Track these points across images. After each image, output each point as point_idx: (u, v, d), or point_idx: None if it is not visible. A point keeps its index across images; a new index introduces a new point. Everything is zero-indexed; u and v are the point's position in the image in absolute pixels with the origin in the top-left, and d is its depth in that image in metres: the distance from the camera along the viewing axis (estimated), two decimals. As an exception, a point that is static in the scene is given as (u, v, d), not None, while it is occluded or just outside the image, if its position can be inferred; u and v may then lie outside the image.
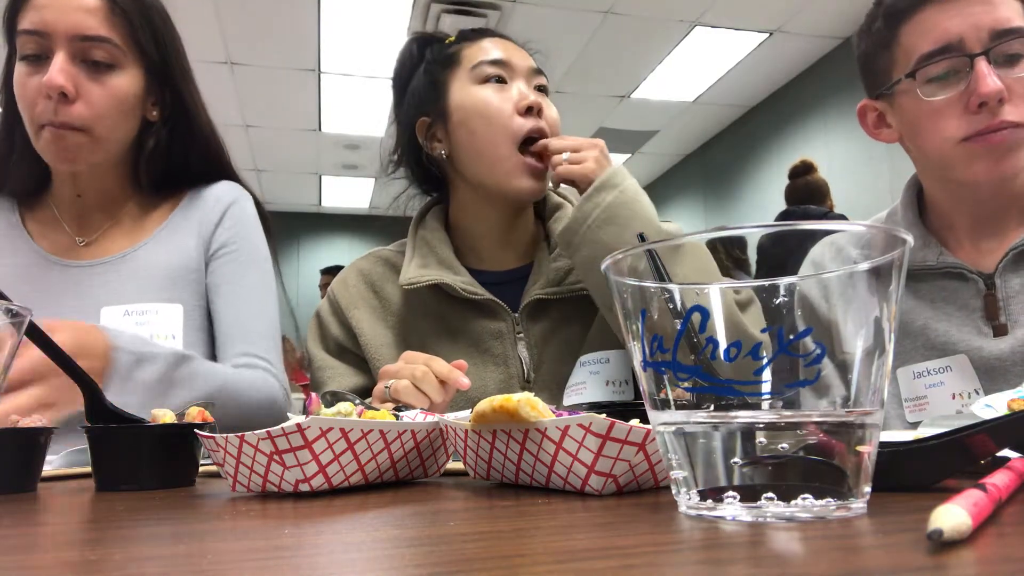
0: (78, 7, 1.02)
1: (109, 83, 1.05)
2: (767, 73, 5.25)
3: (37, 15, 1.01)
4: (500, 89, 1.03)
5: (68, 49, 1.01)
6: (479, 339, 1.05)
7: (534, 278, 1.08)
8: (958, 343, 0.96)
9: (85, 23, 1.02)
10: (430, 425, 0.60)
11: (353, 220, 8.34)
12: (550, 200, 1.17)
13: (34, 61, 1.02)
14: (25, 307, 0.53)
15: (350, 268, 1.17)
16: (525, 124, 1.01)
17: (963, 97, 0.92)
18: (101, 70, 1.04)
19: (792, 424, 0.35)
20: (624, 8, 4.28)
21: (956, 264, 0.99)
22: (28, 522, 0.46)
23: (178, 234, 1.16)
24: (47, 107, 1.01)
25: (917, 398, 0.97)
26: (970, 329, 0.97)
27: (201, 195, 1.20)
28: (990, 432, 0.42)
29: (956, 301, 0.99)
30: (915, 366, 0.98)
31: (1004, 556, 0.27)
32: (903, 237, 0.35)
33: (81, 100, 1.02)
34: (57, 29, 1.01)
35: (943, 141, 0.96)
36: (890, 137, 1.05)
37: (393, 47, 4.65)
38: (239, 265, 1.16)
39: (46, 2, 1.01)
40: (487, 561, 0.29)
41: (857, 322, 0.35)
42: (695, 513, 0.37)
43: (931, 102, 0.95)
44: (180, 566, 0.29)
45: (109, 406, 0.66)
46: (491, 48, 1.05)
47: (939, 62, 0.93)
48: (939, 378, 0.95)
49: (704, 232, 0.38)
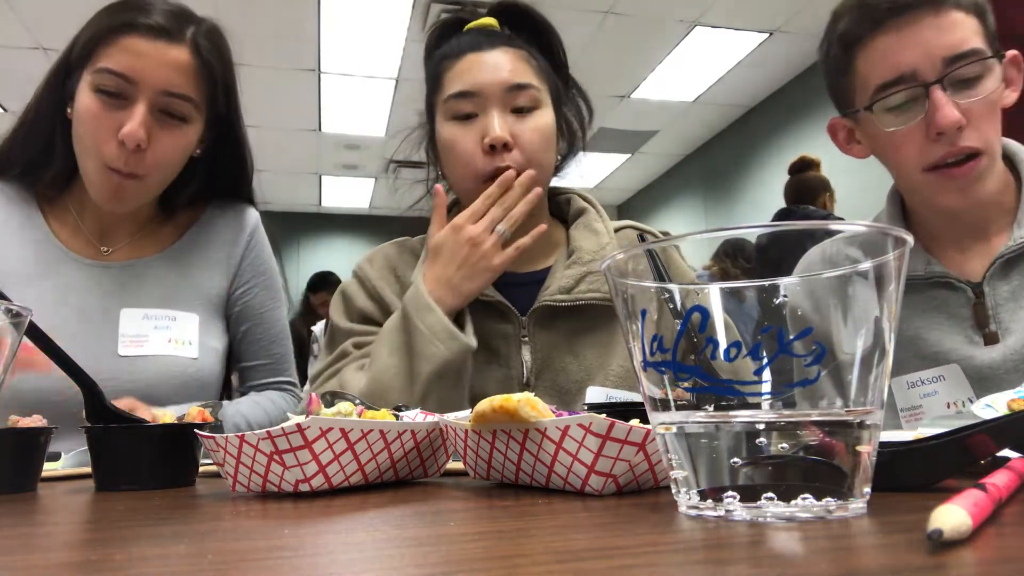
0: (171, 63, 1.02)
1: (178, 136, 1.07)
2: (767, 73, 5.25)
3: (128, 59, 1.00)
4: (467, 126, 1.02)
5: (151, 101, 1.02)
6: (486, 338, 1.05)
7: (548, 283, 1.07)
8: (950, 352, 0.96)
9: (173, 80, 1.03)
10: (430, 425, 0.60)
11: (353, 220, 8.34)
12: (573, 204, 1.16)
13: (110, 97, 1.01)
14: (25, 307, 0.53)
15: (378, 251, 1.18)
16: (488, 165, 1.00)
17: (922, 126, 0.92)
18: (174, 123, 1.05)
19: (792, 424, 0.35)
20: (624, 8, 4.28)
21: (944, 273, 0.99)
22: (28, 522, 0.46)
23: (199, 248, 1.20)
24: (118, 154, 1.01)
25: (912, 408, 0.97)
26: (961, 338, 0.97)
27: (224, 214, 1.24)
28: (990, 432, 0.42)
29: (946, 310, 0.99)
30: (909, 376, 0.97)
31: (1004, 556, 0.27)
32: (903, 237, 0.35)
33: (149, 150, 1.03)
34: (145, 79, 1.01)
35: (908, 170, 0.96)
36: (861, 153, 1.05)
37: (393, 47, 4.66)
38: (268, 293, 1.25)
39: (140, 49, 1.00)
40: (487, 561, 0.29)
41: (857, 322, 0.35)
42: (695, 513, 0.37)
43: (891, 133, 0.94)
44: (180, 566, 0.29)
45: (109, 406, 0.66)
46: (463, 73, 1.03)
47: (895, 93, 0.93)
48: (933, 387, 0.95)
49: (704, 232, 0.38)
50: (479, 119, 1.02)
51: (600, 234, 1.09)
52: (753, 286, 0.35)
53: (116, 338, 1.07)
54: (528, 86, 1.02)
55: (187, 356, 1.11)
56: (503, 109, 1.01)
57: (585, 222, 1.12)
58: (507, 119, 1.01)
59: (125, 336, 1.08)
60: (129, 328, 1.08)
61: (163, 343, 1.09)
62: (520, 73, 1.02)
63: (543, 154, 1.03)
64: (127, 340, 1.08)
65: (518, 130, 1.01)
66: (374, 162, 6.68)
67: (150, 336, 1.09)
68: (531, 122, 1.02)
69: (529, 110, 1.02)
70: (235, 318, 1.23)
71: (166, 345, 1.10)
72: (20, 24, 4.08)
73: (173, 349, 1.10)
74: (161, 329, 1.10)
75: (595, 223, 1.11)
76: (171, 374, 1.09)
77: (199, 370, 1.13)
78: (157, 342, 1.09)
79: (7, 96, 4.98)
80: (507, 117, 1.01)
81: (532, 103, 1.02)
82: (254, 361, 1.24)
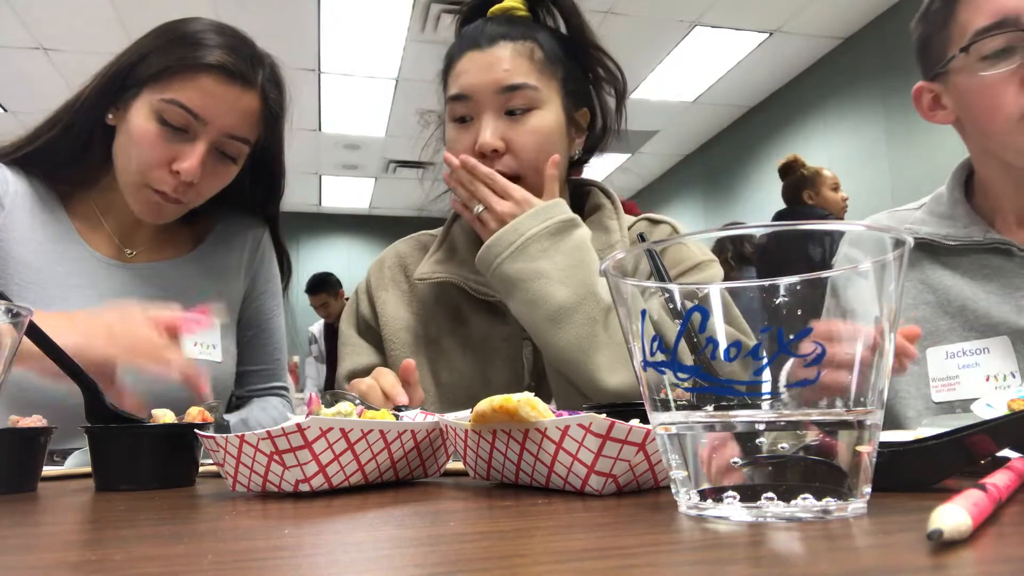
0: (241, 110, 1.05)
1: (229, 171, 1.09)
2: (767, 73, 5.25)
3: (201, 99, 1.01)
4: (463, 130, 1.02)
5: (212, 141, 1.03)
6: (488, 338, 1.05)
7: None
8: (999, 323, 0.95)
9: (239, 126, 1.05)
10: (430, 425, 0.60)
11: (353, 220, 8.34)
12: (591, 199, 1.13)
13: (172, 130, 1.01)
14: (25, 307, 0.53)
15: (391, 248, 1.19)
16: None
17: (1019, 72, 0.90)
18: (225, 162, 1.08)
19: (792, 424, 0.35)
20: (624, 8, 4.28)
21: (1004, 241, 0.98)
22: (28, 522, 0.46)
23: (219, 253, 1.22)
24: (168, 182, 1.03)
25: (948, 378, 0.96)
26: (1011, 308, 0.95)
27: (240, 219, 1.26)
28: (990, 432, 0.42)
29: (999, 279, 0.98)
30: (949, 346, 0.96)
31: (1004, 556, 0.27)
32: (903, 237, 0.35)
33: (199, 185, 1.05)
34: (214, 121, 1.02)
35: (1001, 118, 0.94)
36: (945, 119, 1.04)
37: (393, 47, 4.66)
38: (275, 300, 1.29)
39: (216, 92, 1.01)
40: (487, 561, 0.29)
41: (857, 322, 0.35)
42: (695, 513, 0.37)
43: (985, 77, 0.93)
44: (180, 566, 0.29)
45: (109, 406, 0.66)
46: (460, 75, 1.02)
47: (995, 36, 0.91)
48: (975, 359, 0.94)
49: (704, 232, 0.38)
50: (474, 123, 1.01)
51: (611, 232, 1.07)
52: (753, 286, 0.35)
53: None
54: (523, 86, 0.99)
55: (212, 360, 1.13)
56: (496, 112, 1.00)
57: (598, 219, 1.10)
58: (500, 123, 0.99)
59: None
60: None
61: (189, 346, 1.10)
62: (516, 72, 0.99)
63: (541, 156, 1.00)
64: None
65: (511, 134, 0.99)
66: (374, 162, 6.68)
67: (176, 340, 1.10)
68: (527, 124, 1.00)
69: (525, 111, 1.00)
70: (244, 323, 1.24)
71: (192, 348, 1.10)
72: (20, 24, 4.08)
73: (199, 353, 1.11)
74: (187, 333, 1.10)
75: (608, 220, 1.09)
76: None
77: (222, 374, 1.15)
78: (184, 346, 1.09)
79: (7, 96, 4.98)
80: (500, 121, 0.99)
81: (528, 104, 0.99)
82: (257, 366, 1.26)
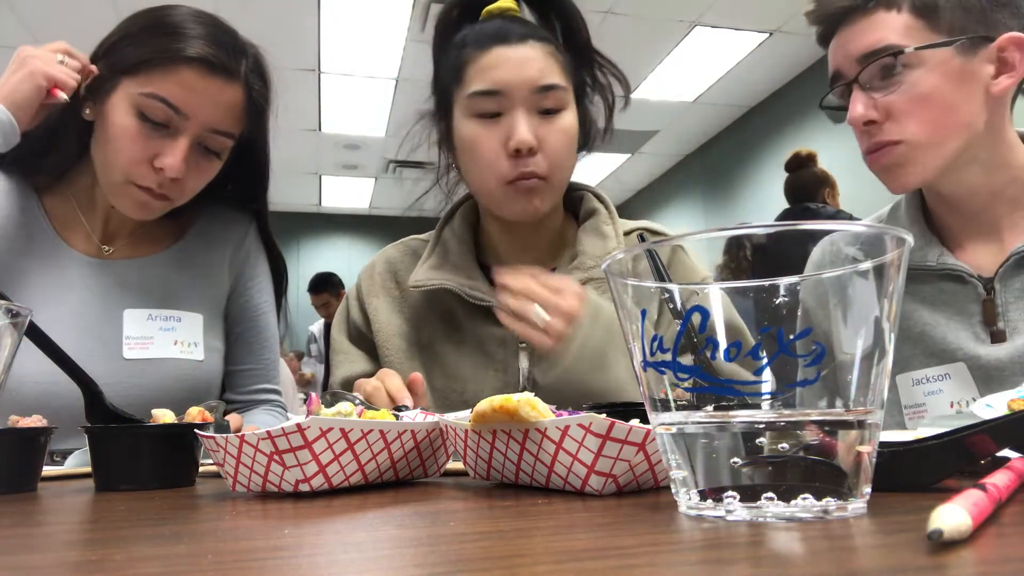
0: (224, 102, 1.02)
1: (214, 165, 1.07)
2: (767, 73, 5.24)
3: (182, 94, 0.98)
4: (491, 125, 0.98)
5: (193, 135, 1.01)
6: (483, 343, 1.04)
7: None
8: (956, 350, 0.95)
9: (223, 119, 1.03)
10: (430, 425, 0.60)
11: (353, 220, 8.34)
12: (585, 204, 1.12)
13: (153, 125, 0.99)
14: (25, 307, 0.53)
15: (380, 254, 1.17)
16: (512, 170, 0.97)
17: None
18: (209, 157, 1.05)
19: (792, 424, 0.35)
20: (624, 8, 4.28)
21: (956, 266, 0.98)
22: (28, 522, 0.46)
23: (202, 247, 1.18)
24: (152, 178, 1.00)
25: (916, 405, 0.96)
26: (968, 335, 0.96)
27: (225, 213, 1.22)
28: (990, 432, 0.42)
29: (955, 304, 0.98)
30: (914, 373, 0.97)
31: (1004, 556, 0.27)
32: (903, 237, 0.35)
33: (183, 180, 1.03)
34: (196, 115, 0.99)
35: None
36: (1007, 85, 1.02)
37: (393, 47, 4.66)
38: (263, 296, 1.24)
39: (197, 85, 0.99)
40: (487, 561, 0.29)
41: (857, 322, 0.35)
42: (695, 513, 0.37)
43: None
44: (180, 566, 0.29)
45: (109, 406, 0.66)
46: (489, 69, 0.98)
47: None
48: (937, 385, 0.95)
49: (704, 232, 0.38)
50: (503, 119, 0.98)
51: (608, 238, 1.06)
52: (753, 286, 0.35)
53: (120, 340, 1.05)
54: (556, 87, 0.97)
55: (194, 359, 1.10)
56: (529, 110, 0.97)
57: (594, 224, 1.08)
58: (533, 121, 0.97)
59: (130, 338, 1.06)
60: (133, 330, 1.06)
61: (169, 345, 1.08)
62: (548, 73, 0.97)
63: (567, 158, 1.00)
64: (132, 342, 1.06)
65: (543, 133, 0.97)
66: (374, 162, 6.68)
67: (155, 338, 1.07)
68: (557, 125, 0.98)
69: (555, 112, 0.98)
70: (232, 318, 1.21)
71: (172, 347, 1.08)
72: (20, 24, 4.08)
73: (179, 352, 1.09)
74: (167, 330, 1.08)
75: (604, 226, 1.08)
76: (178, 377, 1.08)
77: (205, 372, 1.12)
78: (163, 344, 1.08)
79: (7, 96, 4.97)
80: (533, 119, 0.97)
81: (558, 105, 0.98)
82: (245, 365, 1.21)
